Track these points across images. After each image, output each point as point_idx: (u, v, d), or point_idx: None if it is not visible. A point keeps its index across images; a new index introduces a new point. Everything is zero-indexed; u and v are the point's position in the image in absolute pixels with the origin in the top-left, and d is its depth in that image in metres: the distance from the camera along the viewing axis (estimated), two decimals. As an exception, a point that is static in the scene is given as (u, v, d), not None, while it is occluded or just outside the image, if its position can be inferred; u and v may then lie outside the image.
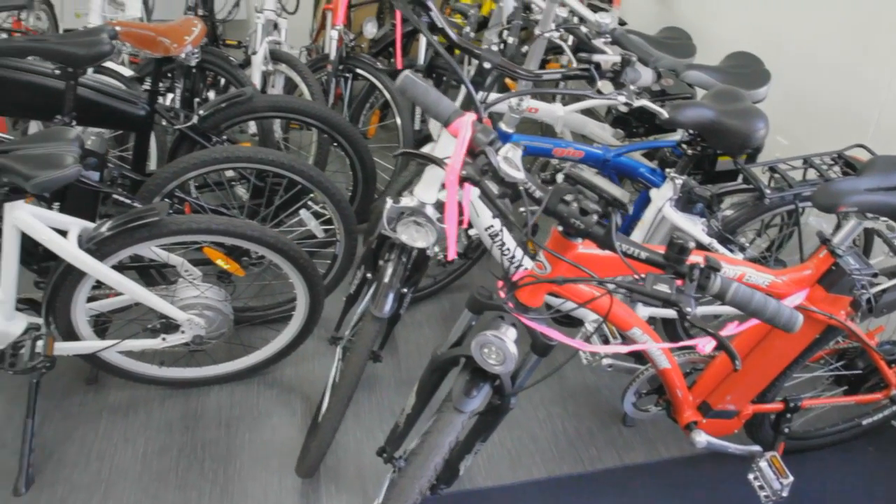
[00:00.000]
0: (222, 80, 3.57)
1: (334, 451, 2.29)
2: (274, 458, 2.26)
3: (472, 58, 1.81)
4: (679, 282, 1.24)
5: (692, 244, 1.22)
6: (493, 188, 1.26)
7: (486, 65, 1.77)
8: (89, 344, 2.18)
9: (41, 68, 2.25)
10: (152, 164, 2.87)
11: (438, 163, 1.29)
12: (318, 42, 4.42)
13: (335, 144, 2.80)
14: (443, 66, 3.36)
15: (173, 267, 2.23)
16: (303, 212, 2.56)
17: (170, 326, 2.18)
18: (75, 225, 1.99)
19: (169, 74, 3.06)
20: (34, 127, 3.16)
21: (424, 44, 3.29)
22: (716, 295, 1.24)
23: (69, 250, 1.92)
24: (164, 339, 2.21)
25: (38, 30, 3.57)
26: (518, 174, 1.24)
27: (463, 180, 1.25)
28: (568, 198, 1.27)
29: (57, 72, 2.15)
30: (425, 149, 2.61)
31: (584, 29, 2.40)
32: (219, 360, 2.49)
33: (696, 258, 1.26)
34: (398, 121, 3.21)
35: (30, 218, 1.87)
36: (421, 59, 3.28)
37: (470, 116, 1.28)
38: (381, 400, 2.51)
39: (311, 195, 2.60)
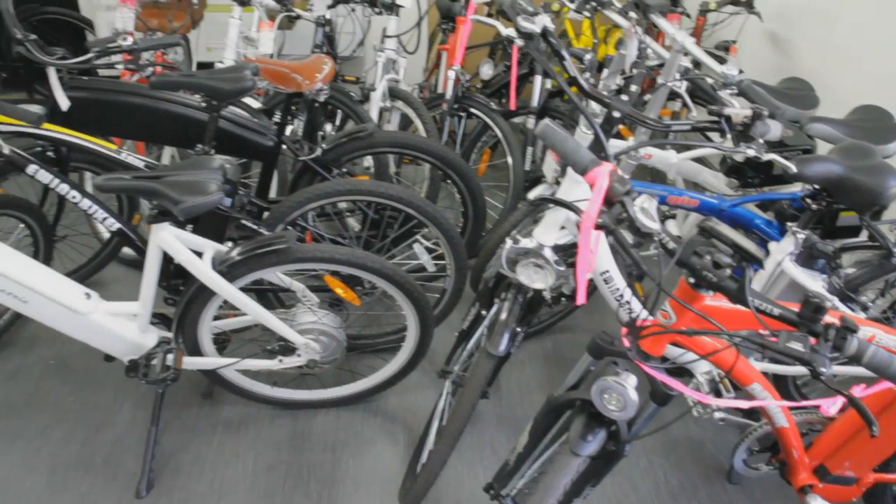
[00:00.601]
0: (338, 113, 3.72)
1: (435, 483, 2.32)
2: (376, 485, 2.31)
3: (601, 106, 1.84)
4: (812, 340, 1.23)
5: (829, 304, 1.21)
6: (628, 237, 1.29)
7: (616, 113, 1.80)
8: (213, 360, 2.29)
9: (188, 101, 2.42)
10: (272, 192, 3.02)
11: (575, 210, 1.33)
12: (430, 80, 4.56)
13: (447, 181, 2.88)
14: (555, 109, 3.40)
15: (292, 292, 2.33)
16: (416, 246, 2.63)
17: (287, 349, 2.28)
18: (209, 247, 2.12)
19: (293, 107, 3.23)
20: (167, 152, 3.38)
21: (538, 86, 3.35)
22: (852, 357, 1.22)
23: (204, 271, 2.04)
24: (280, 360, 2.31)
25: (175, 62, 3.82)
26: (654, 225, 1.26)
27: (598, 228, 1.28)
28: (701, 250, 1.28)
29: (203, 104, 2.31)
30: (537, 190, 2.65)
31: (708, 80, 2.40)
32: (327, 385, 2.58)
33: (830, 318, 1.24)
34: (509, 160, 3.27)
35: (173, 239, 2.01)
36: (534, 101, 3.33)
37: (608, 166, 1.31)
38: (483, 435, 2.53)
39: (426, 230, 2.67)
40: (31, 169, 2.27)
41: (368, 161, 3.41)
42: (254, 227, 2.42)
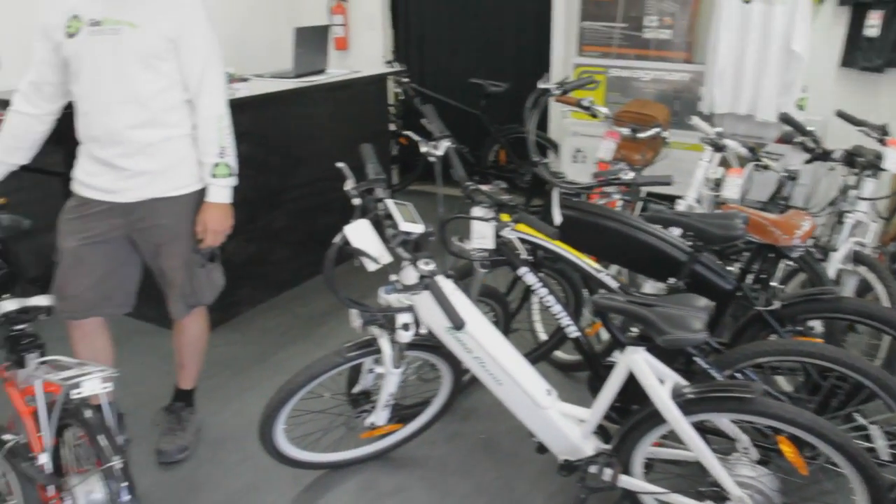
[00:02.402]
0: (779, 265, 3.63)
1: None
2: None
3: None
4: None
5: None
6: None
7: None
8: (643, 484, 2.36)
9: (668, 237, 2.60)
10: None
11: None
12: (887, 245, 4.23)
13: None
14: None
15: (731, 440, 2.31)
16: (873, 428, 2.43)
17: (719, 497, 2.25)
18: (670, 378, 2.21)
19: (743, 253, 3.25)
20: (614, 267, 3.62)
21: None
22: None
23: (664, 400, 2.14)
24: (708, 505, 2.29)
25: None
26: None
27: None
28: None
29: (688, 244, 2.47)
30: None
31: None
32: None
33: None
34: None
35: (643, 363, 2.15)
36: None
37: None
38: None
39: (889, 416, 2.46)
40: (522, 270, 2.63)
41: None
42: (705, 366, 2.47)
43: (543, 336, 3.53)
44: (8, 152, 2.58)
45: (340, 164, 2.27)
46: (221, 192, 2.58)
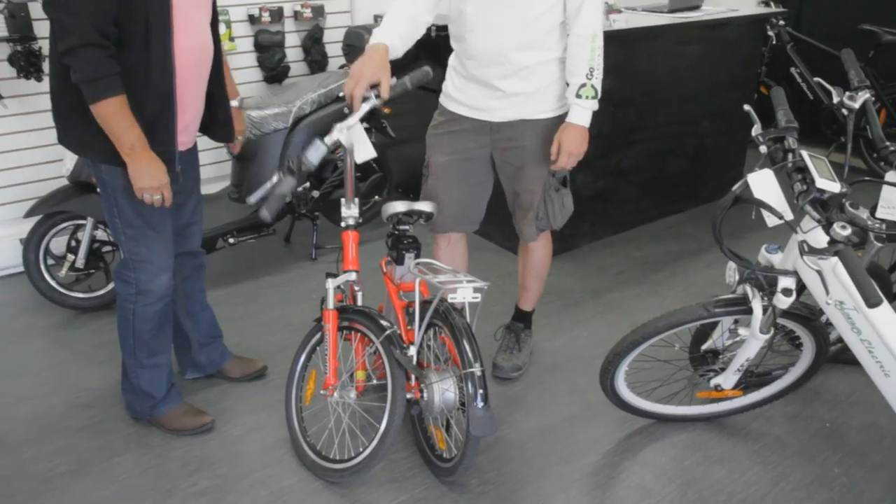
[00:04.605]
0: None
1: None
2: None
3: None
4: None
5: None
6: None
7: None
8: None
9: None
10: None
11: None
12: None
13: None
14: None
15: None
16: None
17: None
18: None
19: None
20: None
21: None
22: None
23: None
24: None
25: None
26: None
27: None
28: None
29: None
30: None
31: None
32: None
33: None
34: None
35: None
36: None
37: None
38: None
39: None
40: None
41: None
42: None
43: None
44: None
45: (747, 107, 2.09)
46: (583, 114, 2.49)
